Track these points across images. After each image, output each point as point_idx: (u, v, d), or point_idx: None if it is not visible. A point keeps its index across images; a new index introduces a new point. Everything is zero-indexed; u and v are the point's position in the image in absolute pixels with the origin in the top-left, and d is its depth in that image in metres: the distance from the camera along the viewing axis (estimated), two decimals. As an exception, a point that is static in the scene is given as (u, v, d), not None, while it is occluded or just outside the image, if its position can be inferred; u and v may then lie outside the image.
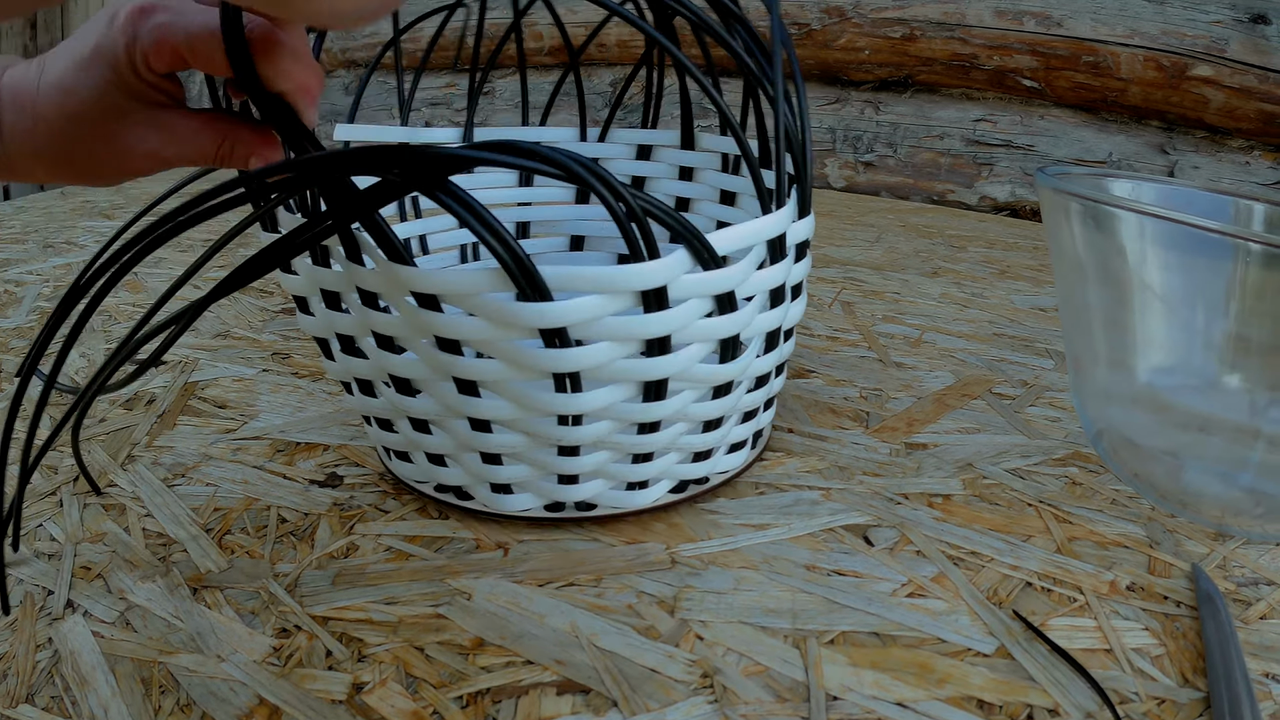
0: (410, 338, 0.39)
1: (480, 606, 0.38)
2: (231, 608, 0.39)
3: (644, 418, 0.40)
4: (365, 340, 0.41)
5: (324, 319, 0.42)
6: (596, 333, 0.37)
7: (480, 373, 0.38)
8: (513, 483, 0.43)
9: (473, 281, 0.35)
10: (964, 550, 0.43)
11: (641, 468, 0.43)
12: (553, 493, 0.44)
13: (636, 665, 0.35)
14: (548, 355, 0.37)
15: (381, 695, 0.34)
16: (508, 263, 0.34)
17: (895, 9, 1.32)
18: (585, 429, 0.40)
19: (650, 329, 0.37)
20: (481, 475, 0.43)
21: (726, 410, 0.44)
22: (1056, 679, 0.34)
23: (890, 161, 1.38)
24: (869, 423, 0.56)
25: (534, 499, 0.44)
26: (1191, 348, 0.43)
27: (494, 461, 0.42)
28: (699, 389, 0.41)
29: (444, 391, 0.40)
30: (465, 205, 0.33)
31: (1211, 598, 0.39)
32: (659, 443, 0.42)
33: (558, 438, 0.40)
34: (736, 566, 0.41)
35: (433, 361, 0.39)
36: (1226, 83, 1.13)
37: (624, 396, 0.39)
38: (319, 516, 0.46)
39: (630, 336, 0.37)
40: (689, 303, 0.38)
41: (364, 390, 0.44)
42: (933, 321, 0.76)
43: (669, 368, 0.39)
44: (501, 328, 0.36)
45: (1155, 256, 0.41)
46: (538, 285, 0.35)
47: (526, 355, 0.37)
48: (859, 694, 0.33)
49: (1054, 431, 0.55)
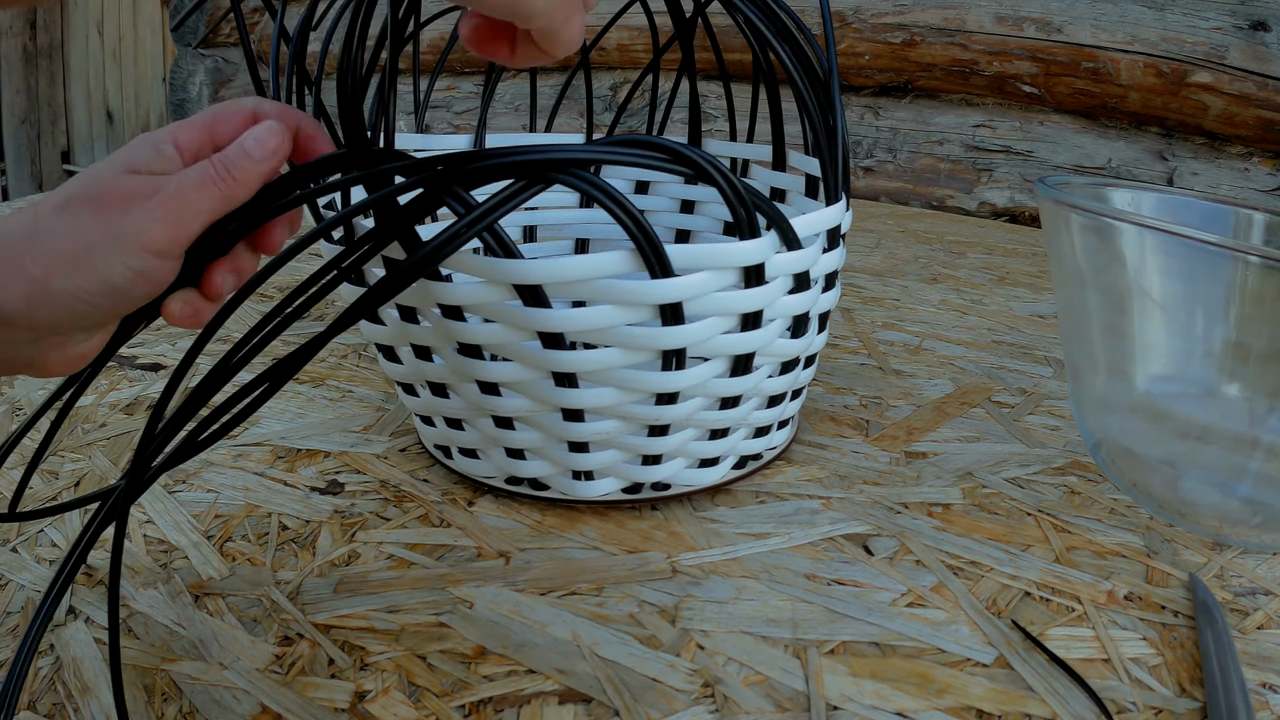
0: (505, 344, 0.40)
1: (482, 615, 0.39)
2: (233, 615, 0.39)
3: (729, 392, 0.43)
4: (447, 350, 0.41)
5: (396, 329, 0.42)
6: (703, 309, 0.39)
7: (586, 363, 0.39)
8: (597, 469, 0.45)
9: (603, 264, 0.37)
10: (963, 560, 0.43)
11: (715, 444, 0.46)
12: (634, 475, 0.45)
13: (638, 674, 0.35)
14: (662, 333, 0.39)
15: (384, 704, 0.34)
16: (642, 242, 0.36)
17: (895, 14, 1.32)
18: (680, 407, 0.42)
19: (750, 303, 0.40)
20: (566, 464, 0.45)
21: (790, 385, 0.47)
22: (1055, 689, 0.34)
23: (890, 167, 1.38)
24: (869, 431, 0.56)
25: (615, 483, 0.46)
26: (1190, 356, 0.43)
27: (581, 449, 0.44)
28: (773, 364, 0.44)
29: (540, 389, 0.41)
30: (601, 190, 0.35)
31: (1209, 607, 0.39)
32: (735, 418, 0.45)
33: (654, 418, 0.42)
34: (737, 576, 0.41)
35: (533, 360, 0.40)
36: (1226, 89, 1.13)
37: (717, 372, 0.42)
38: (320, 524, 0.46)
39: (732, 311, 0.40)
40: (777, 280, 0.41)
41: (436, 393, 0.44)
42: (932, 328, 0.76)
43: (758, 342, 0.42)
44: (624, 308, 0.38)
45: (1155, 265, 0.41)
46: (666, 263, 0.37)
47: (639, 337, 0.39)
48: (859, 704, 0.34)
49: (1053, 440, 0.55)
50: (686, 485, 0.47)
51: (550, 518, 0.46)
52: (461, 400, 0.44)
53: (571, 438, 0.43)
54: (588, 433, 0.42)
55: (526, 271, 0.37)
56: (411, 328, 0.42)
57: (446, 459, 0.49)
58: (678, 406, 0.42)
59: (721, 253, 0.38)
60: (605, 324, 0.38)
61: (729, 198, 0.37)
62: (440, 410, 0.45)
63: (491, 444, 0.45)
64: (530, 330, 0.39)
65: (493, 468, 0.47)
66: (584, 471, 0.45)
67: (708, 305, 0.39)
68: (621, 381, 0.40)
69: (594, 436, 0.43)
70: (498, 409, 0.42)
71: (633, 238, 0.36)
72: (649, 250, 0.37)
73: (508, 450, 0.45)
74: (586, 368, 0.39)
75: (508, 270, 0.37)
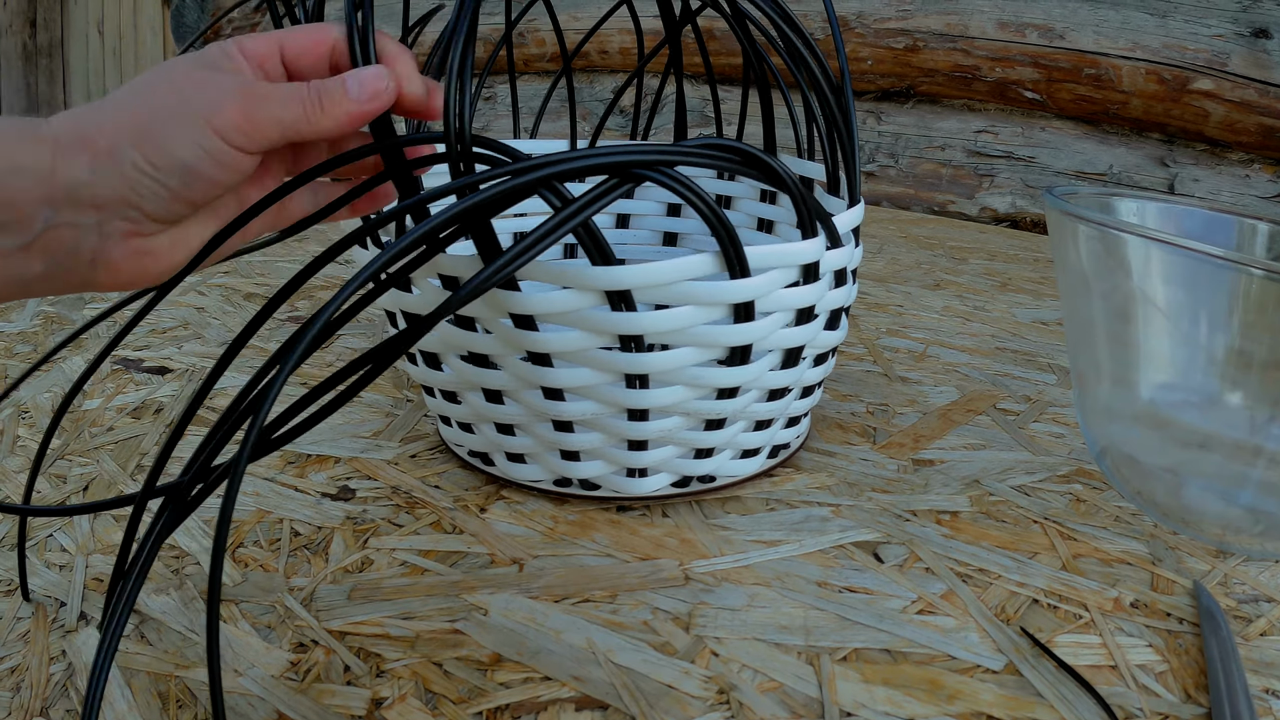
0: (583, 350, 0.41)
1: (497, 622, 0.39)
2: (247, 621, 0.39)
3: (781, 384, 0.46)
4: (511, 358, 0.42)
5: (451, 337, 0.43)
6: (767, 306, 0.42)
7: (662, 364, 0.41)
8: (653, 465, 0.46)
9: (690, 267, 0.39)
10: (972, 567, 0.43)
11: (759, 435, 0.48)
12: (686, 469, 0.47)
13: (653, 681, 0.35)
14: (734, 331, 0.41)
15: (401, 711, 0.34)
16: (727, 244, 0.39)
17: (898, 20, 1.33)
18: (738, 400, 0.44)
19: (808, 298, 0.43)
20: (622, 463, 0.46)
21: (823, 375, 0.51)
22: (1063, 695, 0.35)
23: (892, 172, 1.39)
24: (876, 438, 0.57)
25: (667, 478, 0.47)
26: (1193, 365, 0.43)
27: (640, 448, 0.45)
28: (813, 356, 0.48)
29: (611, 392, 0.42)
30: (693, 191, 0.37)
31: (1213, 614, 0.39)
32: (779, 409, 0.48)
33: (715, 412, 0.44)
34: (749, 583, 0.42)
35: (607, 365, 0.41)
36: (1227, 96, 1.13)
37: (772, 365, 0.45)
38: (332, 530, 0.46)
39: (792, 307, 0.43)
40: (826, 276, 0.44)
41: (491, 399, 0.45)
42: (936, 335, 0.77)
43: (809, 335, 0.45)
44: (703, 309, 0.40)
45: (1159, 275, 0.42)
46: (745, 263, 0.40)
47: (714, 335, 0.41)
48: (872, 710, 0.34)
49: (1058, 448, 0.56)
50: (730, 476, 0.49)
51: (562, 525, 0.46)
52: (519, 406, 0.44)
53: (636, 436, 0.44)
54: (652, 431, 0.44)
55: (619, 277, 0.38)
56: (472, 336, 0.42)
57: (486, 465, 0.50)
58: (736, 400, 0.44)
59: (787, 252, 0.41)
60: (685, 324, 0.40)
61: (796, 197, 0.40)
62: (493, 417, 0.46)
63: (547, 448, 0.46)
64: (611, 334, 0.40)
65: (542, 471, 0.48)
66: (640, 469, 0.46)
67: (771, 303, 0.42)
68: (691, 379, 0.42)
69: (657, 434, 0.44)
70: (563, 414, 0.43)
71: (719, 239, 0.39)
72: (733, 251, 0.39)
73: (563, 453, 0.46)
74: (662, 368, 0.41)
75: (600, 276, 0.38)
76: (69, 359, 0.69)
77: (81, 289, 0.33)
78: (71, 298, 0.85)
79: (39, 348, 0.72)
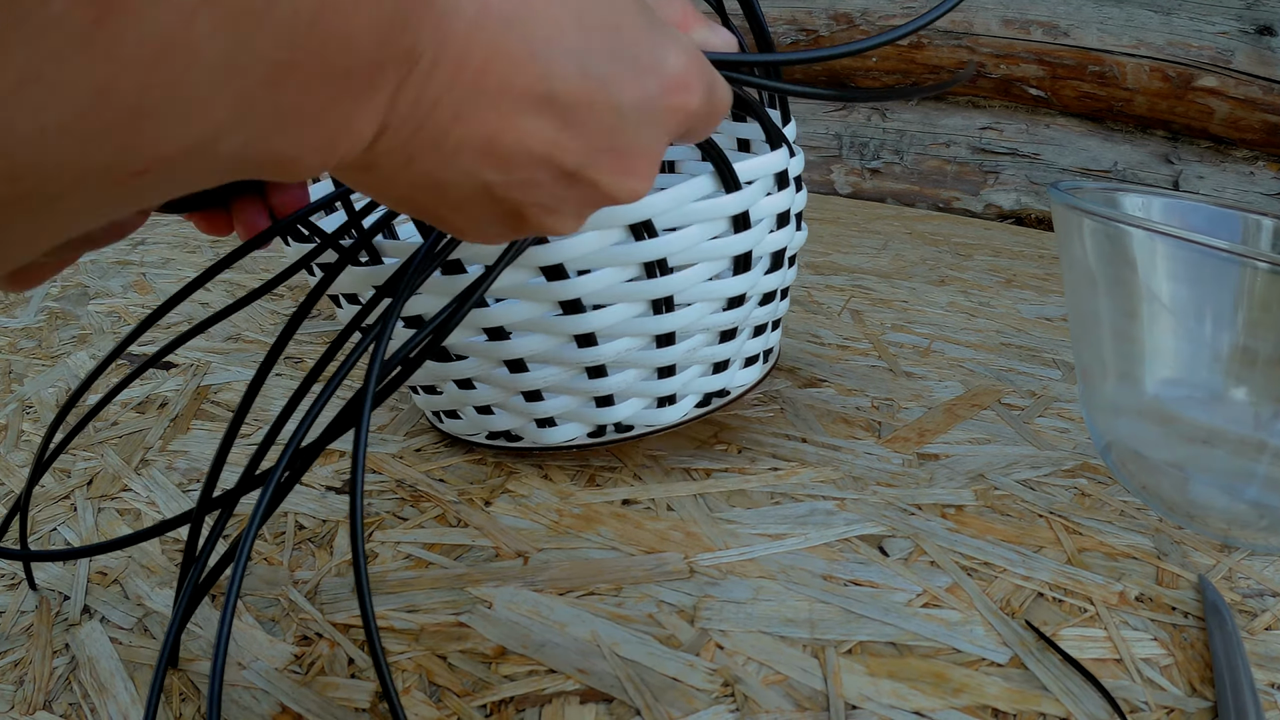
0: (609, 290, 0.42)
1: (501, 615, 0.39)
2: (251, 615, 0.39)
3: (770, 287, 0.49)
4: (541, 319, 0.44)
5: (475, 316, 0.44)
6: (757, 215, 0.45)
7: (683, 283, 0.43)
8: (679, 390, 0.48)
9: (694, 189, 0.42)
10: (977, 561, 0.43)
11: (754, 342, 0.51)
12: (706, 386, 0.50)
13: (658, 674, 0.35)
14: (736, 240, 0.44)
15: (406, 703, 0.34)
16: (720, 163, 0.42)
17: (903, 17, 1.32)
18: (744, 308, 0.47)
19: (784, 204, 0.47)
20: (653, 393, 0.48)
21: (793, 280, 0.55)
22: (1069, 688, 0.35)
23: (897, 168, 1.39)
24: (881, 433, 0.57)
25: (693, 400, 0.50)
26: (1198, 360, 0.43)
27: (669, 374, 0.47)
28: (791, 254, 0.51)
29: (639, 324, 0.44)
30: None
31: (1218, 609, 0.39)
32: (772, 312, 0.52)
33: (728, 323, 0.47)
34: (754, 576, 0.42)
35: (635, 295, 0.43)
36: (1231, 93, 1.13)
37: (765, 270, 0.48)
38: (336, 523, 0.46)
39: (774, 213, 0.46)
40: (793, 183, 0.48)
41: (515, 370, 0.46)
42: (941, 330, 0.77)
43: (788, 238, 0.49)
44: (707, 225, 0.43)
45: (1164, 270, 0.42)
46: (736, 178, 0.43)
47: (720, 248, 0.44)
48: (877, 703, 0.34)
49: (1063, 443, 0.56)
50: (742, 385, 0.52)
51: (567, 518, 0.46)
52: (551, 366, 0.45)
53: (665, 362, 0.46)
54: (680, 353, 0.46)
55: (640, 209, 0.40)
56: (491, 311, 0.43)
57: (511, 441, 0.51)
58: (743, 308, 0.47)
59: (764, 164, 0.44)
60: (696, 241, 0.43)
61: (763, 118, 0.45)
62: (521, 386, 0.46)
63: (581, 401, 0.47)
64: (638, 263, 0.42)
65: (577, 427, 0.49)
66: (669, 396, 0.48)
67: (759, 211, 0.45)
68: (706, 294, 0.45)
69: (684, 356, 0.47)
70: (599, 357, 0.45)
71: (713, 159, 0.41)
72: (725, 169, 0.42)
73: (597, 401, 0.47)
74: (683, 286, 0.43)
75: (623, 210, 0.40)
76: (74, 354, 0.69)
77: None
78: (75, 294, 0.85)
79: (43, 343, 0.72)
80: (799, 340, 0.73)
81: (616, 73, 0.23)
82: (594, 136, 0.23)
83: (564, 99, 0.22)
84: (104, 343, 0.71)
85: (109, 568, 0.42)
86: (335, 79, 0.17)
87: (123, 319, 0.77)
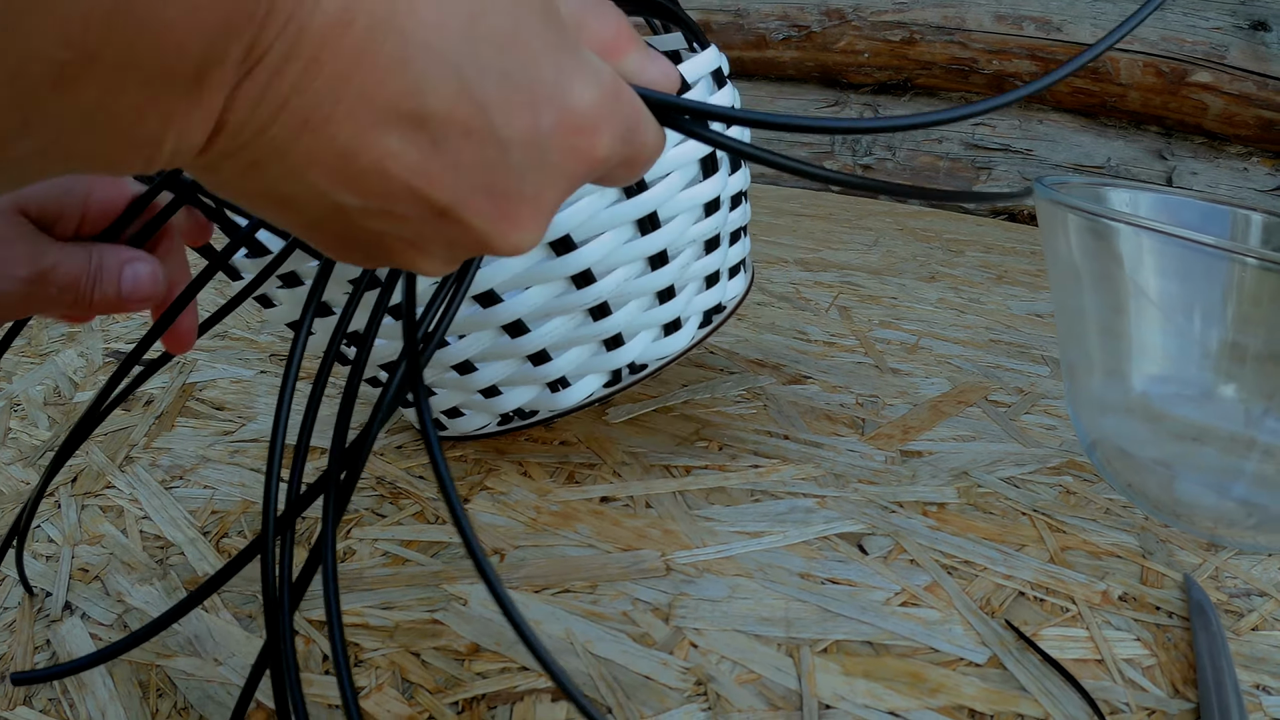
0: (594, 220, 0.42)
1: (476, 612, 0.39)
2: (229, 611, 0.39)
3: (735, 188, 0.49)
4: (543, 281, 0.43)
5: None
6: None
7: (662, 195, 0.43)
8: (682, 314, 0.48)
9: None
10: (957, 559, 0.43)
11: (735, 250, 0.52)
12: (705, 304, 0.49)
13: (631, 672, 0.35)
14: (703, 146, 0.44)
15: (378, 700, 0.34)
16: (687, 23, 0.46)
17: (895, 12, 1.32)
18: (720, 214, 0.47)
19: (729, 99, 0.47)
20: (658, 321, 0.47)
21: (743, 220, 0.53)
22: (1048, 689, 0.35)
23: (889, 164, 1.38)
24: (865, 430, 0.56)
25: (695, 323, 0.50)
26: (1187, 356, 0.43)
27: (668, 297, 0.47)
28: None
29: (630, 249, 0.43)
30: None
31: (1203, 608, 0.39)
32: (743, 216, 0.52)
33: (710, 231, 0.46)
34: (731, 574, 0.41)
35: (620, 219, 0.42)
36: (1225, 89, 1.13)
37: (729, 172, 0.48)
38: (316, 520, 0.46)
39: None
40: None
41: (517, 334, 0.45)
42: (929, 327, 0.76)
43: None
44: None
45: (1152, 266, 0.41)
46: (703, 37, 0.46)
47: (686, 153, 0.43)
48: (851, 703, 0.34)
49: (1049, 440, 0.55)
50: (734, 297, 0.52)
51: (545, 516, 0.46)
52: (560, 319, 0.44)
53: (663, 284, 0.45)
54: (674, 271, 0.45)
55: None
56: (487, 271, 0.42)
57: (525, 418, 0.50)
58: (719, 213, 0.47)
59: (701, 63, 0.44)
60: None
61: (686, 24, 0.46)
62: (534, 346, 0.45)
63: (593, 350, 0.46)
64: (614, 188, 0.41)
65: (594, 380, 0.48)
66: (673, 322, 0.48)
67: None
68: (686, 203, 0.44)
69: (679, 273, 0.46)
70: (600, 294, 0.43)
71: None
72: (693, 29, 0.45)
73: (607, 345, 0.46)
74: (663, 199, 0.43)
75: None
76: (63, 352, 0.69)
77: None
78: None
79: (32, 341, 0.72)
80: (785, 337, 0.73)
81: (505, 98, 0.20)
82: (469, 171, 0.20)
83: (436, 120, 0.19)
84: (92, 341, 0.71)
85: (90, 565, 0.42)
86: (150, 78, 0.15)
87: (113, 316, 0.77)
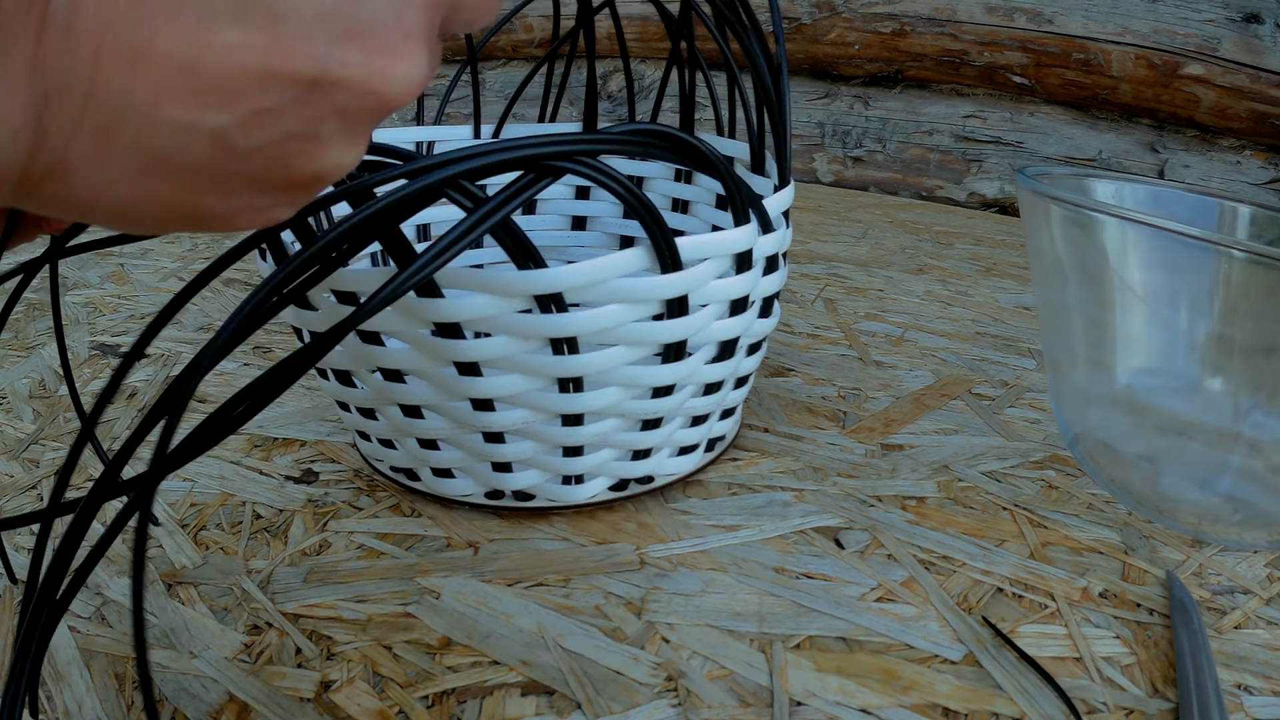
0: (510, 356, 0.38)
1: (449, 606, 0.38)
2: (205, 604, 0.39)
3: (717, 377, 0.44)
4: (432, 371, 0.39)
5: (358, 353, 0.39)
6: (702, 298, 0.40)
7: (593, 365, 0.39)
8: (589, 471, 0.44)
9: (621, 264, 0.37)
10: (935, 554, 0.43)
11: (696, 431, 0.46)
12: (623, 471, 0.45)
13: (601, 667, 0.35)
14: (668, 327, 0.39)
15: (349, 694, 0.34)
16: (658, 236, 0.36)
17: (886, 4, 1.31)
18: (674, 398, 0.42)
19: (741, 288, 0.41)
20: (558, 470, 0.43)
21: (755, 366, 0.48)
22: (1024, 687, 0.34)
23: (879, 157, 1.38)
24: (846, 423, 0.56)
25: (606, 481, 0.45)
26: (1173, 349, 0.43)
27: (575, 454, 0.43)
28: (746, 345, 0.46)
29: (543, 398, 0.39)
30: (618, 182, 0.34)
31: (1185, 606, 0.39)
32: (715, 403, 0.46)
33: (651, 411, 0.42)
34: (705, 568, 0.41)
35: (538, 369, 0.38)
36: (1218, 82, 1.12)
37: (708, 358, 0.43)
38: (293, 513, 0.45)
39: (726, 299, 0.41)
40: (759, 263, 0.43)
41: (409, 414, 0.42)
42: (915, 320, 0.76)
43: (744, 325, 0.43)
44: (633, 306, 0.38)
45: (1137, 258, 0.41)
46: (678, 256, 0.37)
47: (645, 332, 0.39)
48: (823, 699, 0.33)
49: (1032, 434, 0.55)
50: (670, 475, 0.47)
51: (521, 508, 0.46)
52: (443, 420, 0.41)
53: (571, 443, 0.41)
54: (588, 435, 0.41)
55: (549, 280, 0.35)
56: (385, 351, 0.39)
57: (411, 481, 0.46)
58: (672, 398, 0.42)
59: (720, 242, 0.39)
60: (617, 322, 0.38)
61: (729, 184, 0.38)
62: (414, 432, 0.42)
63: (477, 460, 0.43)
64: (542, 339, 0.37)
65: (473, 484, 0.45)
66: (576, 476, 0.44)
67: (705, 295, 0.40)
68: (626, 379, 0.40)
69: (593, 439, 0.42)
70: (494, 424, 0.40)
71: (651, 233, 0.36)
72: (665, 245, 0.37)
73: (494, 465, 0.43)
74: (596, 368, 0.38)
75: (529, 280, 0.35)
76: (49, 345, 0.69)
77: None
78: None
79: (19, 334, 0.71)
80: (774, 329, 0.72)
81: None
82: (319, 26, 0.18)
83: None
84: (79, 334, 0.71)
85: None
86: None
87: (99, 310, 0.77)
